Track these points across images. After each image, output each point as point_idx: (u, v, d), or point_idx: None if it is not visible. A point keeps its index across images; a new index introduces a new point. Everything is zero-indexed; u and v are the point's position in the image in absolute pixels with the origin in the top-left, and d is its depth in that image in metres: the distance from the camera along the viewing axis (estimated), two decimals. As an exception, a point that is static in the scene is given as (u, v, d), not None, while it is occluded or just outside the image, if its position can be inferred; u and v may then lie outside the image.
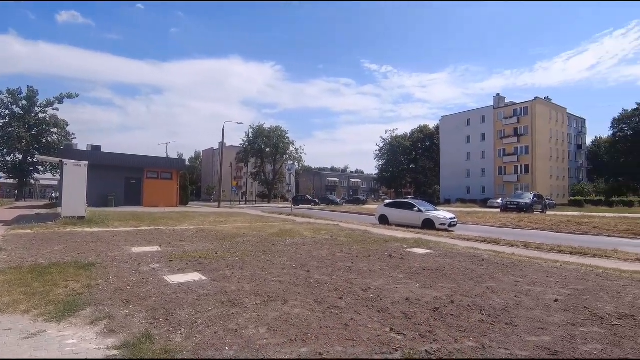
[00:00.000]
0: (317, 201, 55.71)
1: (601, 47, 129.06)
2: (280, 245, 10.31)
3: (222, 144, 44.16)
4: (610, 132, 64.99)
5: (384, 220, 20.10)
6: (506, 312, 4.74)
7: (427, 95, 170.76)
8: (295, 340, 3.72)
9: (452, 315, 4.59)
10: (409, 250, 9.97)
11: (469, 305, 4.98)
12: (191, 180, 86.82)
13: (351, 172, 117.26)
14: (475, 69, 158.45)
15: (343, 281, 6.25)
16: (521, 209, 29.75)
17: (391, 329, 4.07)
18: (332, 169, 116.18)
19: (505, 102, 64.87)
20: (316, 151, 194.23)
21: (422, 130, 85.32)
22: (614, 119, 62.98)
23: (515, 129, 59.79)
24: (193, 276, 6.34)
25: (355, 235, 13.16)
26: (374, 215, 22.47)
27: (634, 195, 47.60)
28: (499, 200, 42.40)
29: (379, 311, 4.69)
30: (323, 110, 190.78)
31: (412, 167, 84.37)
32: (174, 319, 4.24)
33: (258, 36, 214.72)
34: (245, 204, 63.04)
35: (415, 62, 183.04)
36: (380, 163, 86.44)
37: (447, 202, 61.00)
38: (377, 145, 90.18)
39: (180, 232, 13.02)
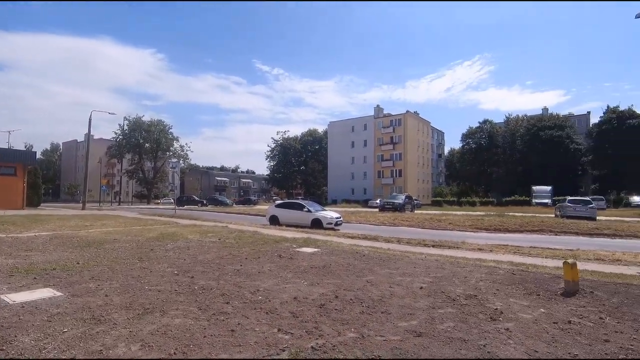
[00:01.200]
0: (205, 202, 52.77)
1: (454, 74, 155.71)
2: (160, 251, 9.38)
3: (88, 135, 38.08)
4: (460, 145, 78.71)
5: (274, 220, 20.20)
6: (382, 302, 5.22)
7: (316, 101, 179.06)
8: (175, 353, 3.39)
9: (336, 310, 4.84)
10: (298, 249, 10.20)
11: (351, 299, 5.33)
12: (46, 177, 72.60)
13: (242, 172, 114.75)
14: (359, 81, 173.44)
15: (231, 285, 6.01)
16: (396, 208, 33.58)
17: (279, 330, 4.06)
18: (222, 169, 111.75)
19: (384, 113, 72.57)
20: (204, 149, 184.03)
21: (312, 133, 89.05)
22: (463, 134, 76.40)
23: (392, 138, 67.37)
24: (43, 292, 5.25)
25: (245, 236, 12.87)
26: (264, 216, 22.40)
27: (476, 197, 58.58)
28: (378, 201, 47.03)
29: (267, 313, 4.64)
30: (212, 107, 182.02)
31: (303, 168, 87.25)
32: (13, 347, 3.41)
33: (135, 19, 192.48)
34: (119, 205, 55.63)
35: (306, 68, 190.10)
36: (272, 164, 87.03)
37: (334, 202, 64.95)
38: (268, 146, 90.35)
39: (27, 240, 10.71)
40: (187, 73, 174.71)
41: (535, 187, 46.20)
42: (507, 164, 64.72)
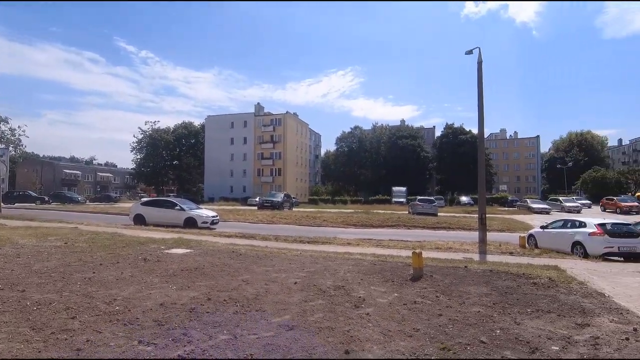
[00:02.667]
0: (47, 198, 43.62)
1: (330, 81, 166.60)
2: (-24, 261, 7.35)
3: None
4: (335, 147, 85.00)
5: (140, 220, 18.09)
6: (257, 300, 5.21)
7: (192, 92, 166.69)
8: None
9: (208, 312, 4.61)
10: (167, 251, 9.36)
11: (225, 300, 5.16)
12: None
13: (99, 164, 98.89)
14: (239, 77, 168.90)
15: (79, 296, 5.11)
16: (275, 206, 34.07)
17: (140, 342, 3.64)
18: (73, 160, 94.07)
19: (265, 111, 72.87)
20: (48, 135, 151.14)
21: (187, 126, 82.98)
22: (337, 138, 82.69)
23: (272, 136, 68.14)
24: None
25: (100, 239, 11.13)
26: (128, 215, 19.84)
27: (347, 196, 64.21)
28: (257, 199, 46.90)
29: (126, 324, 4.10)
30: (59, 85, 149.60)
31: (176, 163, 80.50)
32: None
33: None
34: None
35: (181, 56, 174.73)
36: (139, 157, 77.52)
37: (211, 200, 61.98)
38: (135, 136, 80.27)
39: None
40: (24, 40, 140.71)
41: (394, 188, 53.35)
42: (374, 167, 72.90)
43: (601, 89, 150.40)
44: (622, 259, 11.22)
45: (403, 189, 52.71)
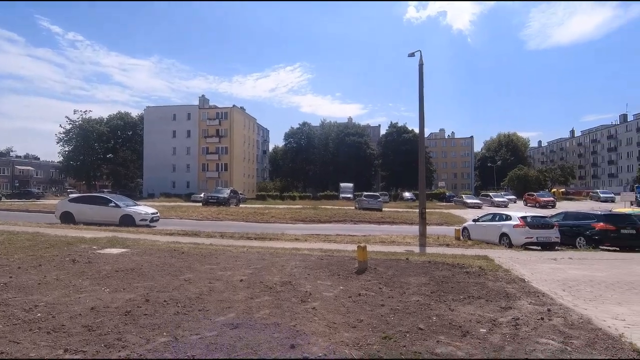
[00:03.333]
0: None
1: (278, 76, 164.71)
2: None
3: None
4: (283, 143, 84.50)
5: (68, 218, 16.51)
6: (200, 300, 5.03)
7: (128, 80, 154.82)
8: None
9: (146, 314, 4.35)
10: (100, 251, 8.66)
11: (165, 301, 4.90)
12: None
13: (18, 156, 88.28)
14: (182, 66, 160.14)
15: (-9, 305, 4.53)
16: (220, 202, 33.02)
17: (66, 350, 3.33)
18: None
19: (210, 104, 70.16)
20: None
21: (123, 117, 77.07)
22: (286, 133, 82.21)
23: (218, 130, 65.79)
24: None
25: (19, 239, 9.97)
26: (53, 212, 18.01)
27: (296, 192, 64.32)
28: (202, 195, 45.14)
29: (49, 332, 3.73)
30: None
31: (110, 157, 74.51)
32: None
33: None
34: None
35: (116, 40, 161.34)
36: (67, 149, 70.44)
37: (151, 196, 58.37)
38: (62, 126, 72.56)
39: None
40: None
41: (342, 184, 54.52)
42: (322, 163, 73.75)
43: (525, 95, 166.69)
44: (539, 247, 12.57)
45: (350, 185, 54.05)
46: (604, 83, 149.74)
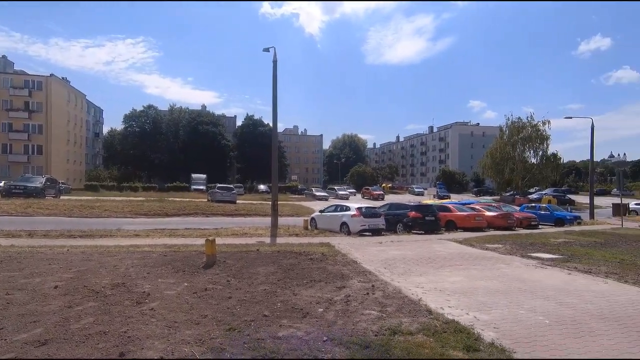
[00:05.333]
0: None
1: (116, 48, 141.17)
2: None
3: None
4: (123, 126, 73.45)
5: None
6: (-10, 317, 3.90)
7: None
8: None
9: None
10: None
11: None
12: None
13: None
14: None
15: None
16: (30, 194, 26.32)
17: None
18: None
19: (15, 69, 55.13)
20: None
21: None
22: (125, 115, 71.57)
23: (27, 103, 52.04)
24: None
25: None
26: None
27: (139, 182, 56.95)
28: (1, 184, 35.13)
29: None
30: None
31: None
32: None
33: None
34: None
35: None
36: None
37: None
38: None
39: None
40: None
41: (194, 175, 51.23)
42: (171, 152, 67.42)
43: (364, 101, 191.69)
44: (370, 233, 14.72)
45: (203, 176, 51.43)
46: (421, 98, 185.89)
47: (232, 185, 38.85)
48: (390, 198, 44.20)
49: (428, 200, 37.22)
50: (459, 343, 3.53)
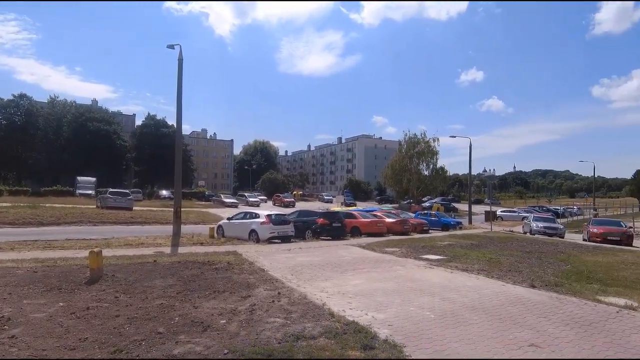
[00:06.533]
0: None
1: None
2: None
3: None
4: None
5: None
6: None
7: None
8: None
9: None
10: None
11: None
12: None
13: None
14: None
15: None
16: None
17: None
18: None
19: None
20: None
21: None
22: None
23: None
24: None
25: None
26: None
27: (5, 185, 47.39)
28: None
29: None
30: None
31: None
32: None
33: None
34: None
35: None
36: None
37: None
38: None
39: None
40: None
41: (80, 178, 44.59)
42: (51, 151, 57.55)
43: (277, 109, 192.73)
44: (280, 241, 14.70)
45: (91, 179, 45.25)
46: (331, 110, 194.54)
47: (127, 191, 34.98)
48: (301, 205, 44.94)
49: (336, 207, 38.90)
50: (357, 343, 3.72)
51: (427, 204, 47.39)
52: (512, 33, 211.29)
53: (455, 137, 43.01)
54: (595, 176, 60.61)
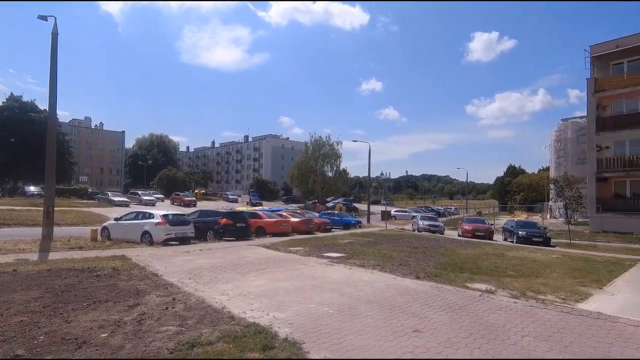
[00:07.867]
0: None
1: None
2: None
3: None
4: None
5: None
6: None
7: None
8: None
9: None
10: None
11: None
12: None
13: None
14: None
15: None
16: None
17: None
18: None
19: None
20: None
21: None
22: None
23: None
24: None
25: None
26: None
27: None
28: None
29: None
30: None
31: None
32: None
33: None
34: None
35: None
36: None
37: None
38: None
39: None
40: None
41: None
42: None
43: (177, 101, 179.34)
44: (178, 243, 13.65)
45: None
46: (237, 107, 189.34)
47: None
48: (204, 205, 42.61)
49: (241, 207, 37.92)
50: (257, 344, 3.66)
51: (330, 204, 49.55)
52: (407, 51, 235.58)
53: (356, 141, 45.76)
54: (468, 181, 71.34)
